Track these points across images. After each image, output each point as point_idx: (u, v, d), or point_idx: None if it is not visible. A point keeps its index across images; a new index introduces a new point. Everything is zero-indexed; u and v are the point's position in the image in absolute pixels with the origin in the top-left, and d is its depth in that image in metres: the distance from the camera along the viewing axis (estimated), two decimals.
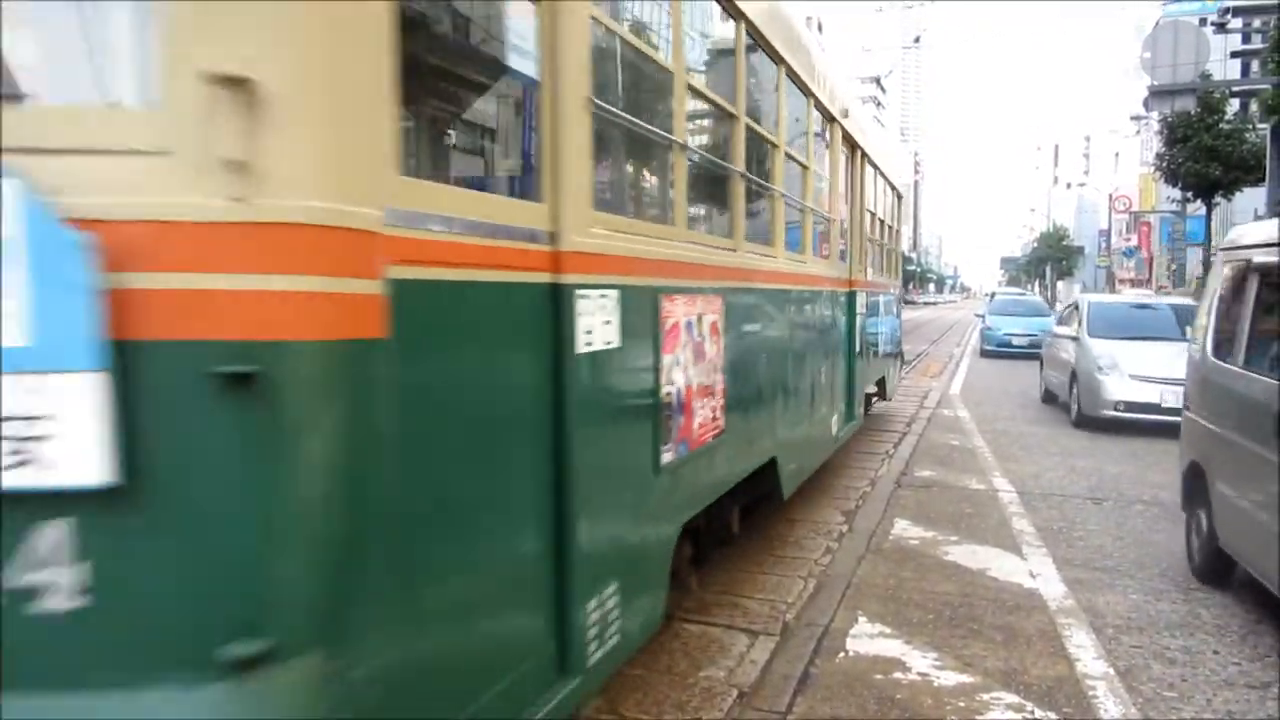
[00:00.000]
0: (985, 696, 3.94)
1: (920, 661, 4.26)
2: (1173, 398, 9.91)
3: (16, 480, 1.67)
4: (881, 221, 10.15)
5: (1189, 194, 39.81)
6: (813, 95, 6.26)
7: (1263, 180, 32.58)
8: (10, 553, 1.72)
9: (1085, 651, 4.39)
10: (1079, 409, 11.56)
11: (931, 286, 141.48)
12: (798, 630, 4.61)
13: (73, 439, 1.68)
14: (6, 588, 1.73)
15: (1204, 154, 35.60)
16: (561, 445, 2.70)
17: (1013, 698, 3.93)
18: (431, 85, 2.22)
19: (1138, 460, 9.40)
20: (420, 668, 2.11)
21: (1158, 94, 19.89)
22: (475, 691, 2.36)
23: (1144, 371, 10.90)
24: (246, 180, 1.71)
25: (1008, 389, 15.92)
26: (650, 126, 3.63)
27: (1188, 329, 11.89)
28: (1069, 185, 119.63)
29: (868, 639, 4.52)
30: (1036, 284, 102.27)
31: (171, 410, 1.73)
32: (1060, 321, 13.94)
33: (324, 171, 1.80)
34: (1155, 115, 39.07)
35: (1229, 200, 41.08)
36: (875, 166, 9.27)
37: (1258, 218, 38.35)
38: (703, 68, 4.31)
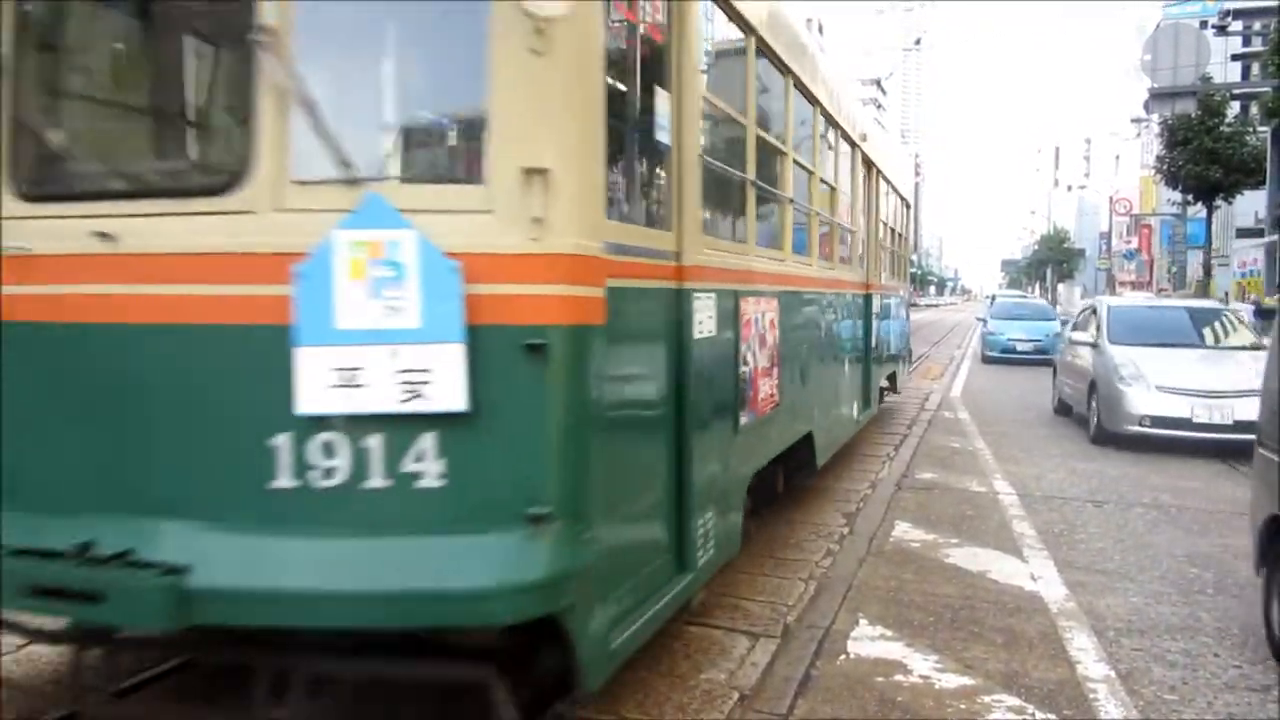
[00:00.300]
0: (986, 699, 3.94)
1: (921, 664, 4.26)
2: (1205, 412, 9.56)
3: (411, 407, 2.76)
4: (893, 230, 11.25)
5: (1189, 197, 39.80)
6: (841, 128, 7.55)
7: (1263, 183, 32.68)
8: (403, 450, 2.80)
9: (1086, 654, 4.39)
10: (1098, 423, 10.55)
11: (932, 289, 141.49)
12: (799, 632, 4.61)
13: (443, 382, 2.75)
14: (401, 471, 2.81)
15: (1204, 157, 35.58)
16: (682, 403, 3.79)
17: (1014, 700, 3.93)
18: (613, 156, 3.35)
19: (1139, 463, 9.41)
20: (611, 546, 3.16)
21: (1158, 96, 19.89)
22: (635, 568, 3.48)
23: (1172, 383, 9.89)
24: (537, 229, 2.82)
25: (1013, 396, 15.89)
26: (734, 169, 4.73)
27: (1208, 331, 11.29)
28: (1069, 188, 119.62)
29: (869, 641, 4.52)
30: (1037, 286, 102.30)
31: (497, 366, 2.79)
32: (1076, 326, 12.82)
33: (577, 223, 2.92)
34: (1156, 118, 39.10)
35: (1229, 203, 41.08)
36: (888, 181, 10.52)
37: (1258, 221, 38.46)
38: (764, 117, 5.34)
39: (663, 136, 3.70)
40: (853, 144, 8.18)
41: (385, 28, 3.25)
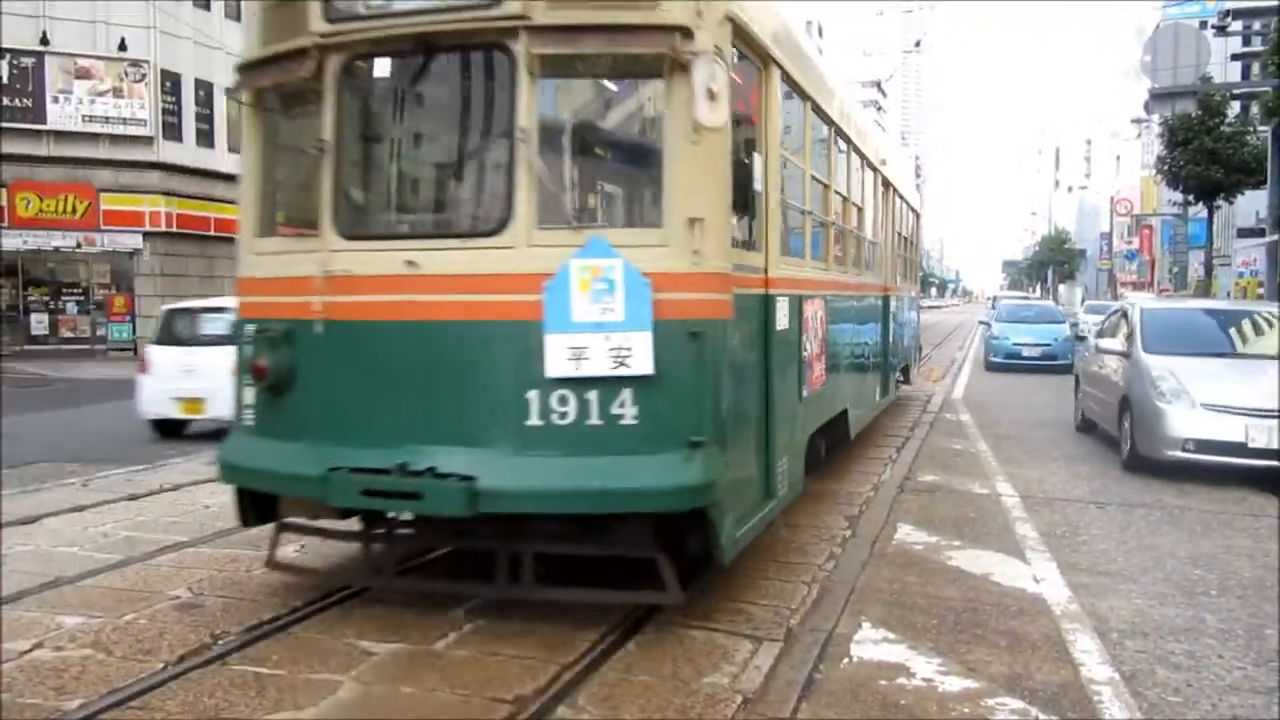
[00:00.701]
0: (990, 702, 3.93)
1: (925, 667, 4.25)
2: (1263, 435, 8.00)
3: (617, 372, 4.17)
4: (906, 240, 12.62)
5: (1190, 197, 39.76)
6: (867, 158, 9.00)
7: (1264, 183, 32.59)
8: (611, 399, 4.22)
9: (1090, 656, 4.38)
10: (1132, 447, 8.94)
11: (933, 290, 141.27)
12: (802, 636, 4.60)
13: (638, 356, 4.17)
14: (609, 413, 4.22)
15: (1205, 157, 35.53)
16: (768, 376, 5.26)
17: (1018, 703, 3.92)
18: (732, 204, 4.69)
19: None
20: (733, 471, 4.58)
21: (1158, 97, 19.90)
22: (745, 489, 4.94)
23: (1222, 399, 8.33)
24: (696, 257, 4.26)
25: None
26: (797, 204, 6.26)
27: (1259, 337, 9.34)
28: (1070, 188, 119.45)
29: (872, 644, 4.52)
30: (1038, 287, 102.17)
31: (672, 345, 4.19)
32: (1103, 332, 11.34)
33: (718, 253, 4.37)
34: (1156, 118, 39.09)
35: (1231, 203, 41.02)
36: (902, 198, 12.01)
37: (1259, 221, 38.36)
38: (815, 161, 6.82)
39: (757, 186, 5.07)
40: (874, 169, 9.59)
41: (600, 128, 5.43)
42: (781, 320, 5.49)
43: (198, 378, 10.60)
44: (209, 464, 9.31)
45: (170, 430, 11.52)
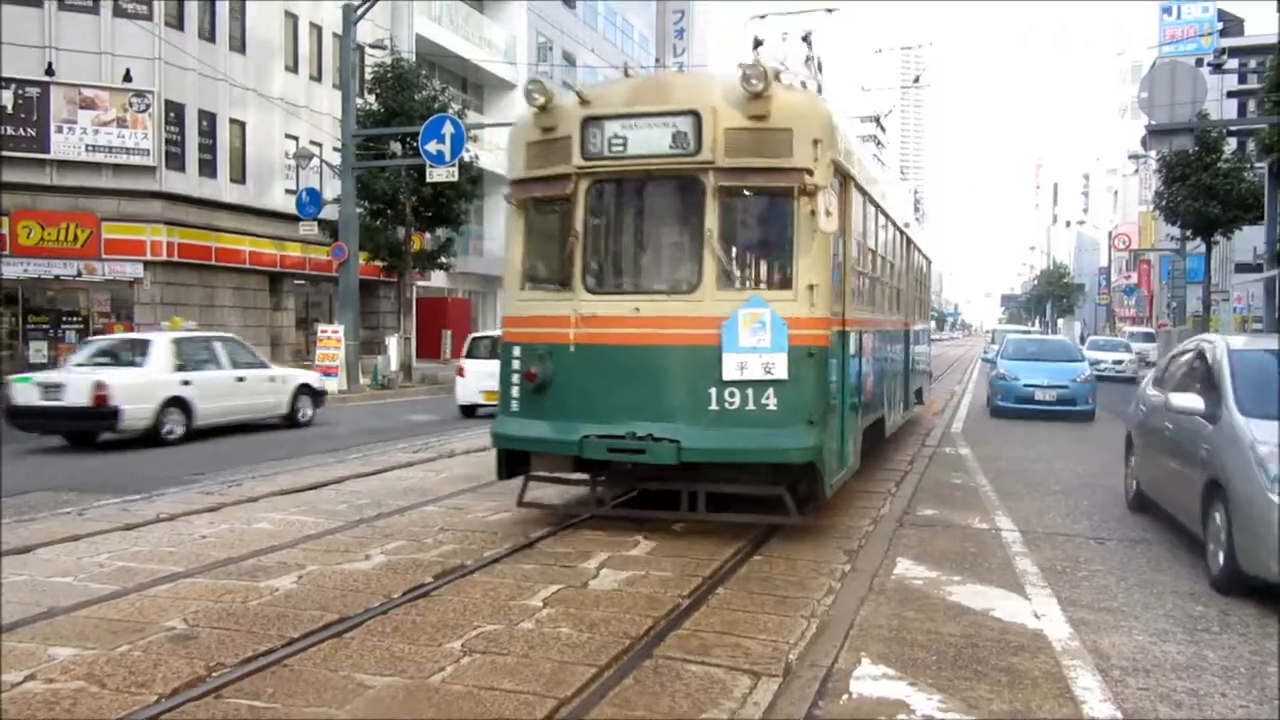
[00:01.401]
0: None
1: (925, 704, 4.22)
2: None
3: (765, 377, 6.81)
4: (920, 283, 15.21)
5: (1188, 232, 39.93)
6: (896, 224, 11.52)
7: (1261, 219, 32.78)
8: (761, 393, 6.88)
9: (1091, 694, 4.34)
10: (1229, 559, 5.96)
11: (932, 324, 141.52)
12: (801, 671, 4.56)
13: (779, 367, 6.79)
14: (761, 402, 6.86)
15: (1202, 192, 35.71)
16: (844, 385, 7.67)
17: None
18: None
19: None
20: (829, 442, 7.24)
21: (1156, 133, 20.04)
22: (833, 455, 7.43)
23: None
24: (812, 308, 6.98)
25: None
26: (860, 268, 8.77)
27: None
28: (1068, 223, 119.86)
29: (871, 680, 4.48)
30: (1037, 321, 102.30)
31: (797, 361, 6.81)
32: (1164, 381, 8.45)
33: (825, 305, 7.08)
34: (1154, 154, 39.33)
35: (1228, 239, 41.16)
36: (919, 249, 14.57)
37: (1257, 256, 38.47)
38: (867, 234, 9.38)
39: (840, 258, 7.70)
40: (900, 230, 12.02)
41: (756, 228, 7.92)
42: (851, 348, 8.14)
43: (494, 379, 15.94)
44: (207, 493, 9.32)
45: (469, 412, 17.66)
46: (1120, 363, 31.51)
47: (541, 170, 7.60)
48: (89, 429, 13.55)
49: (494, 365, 14.25)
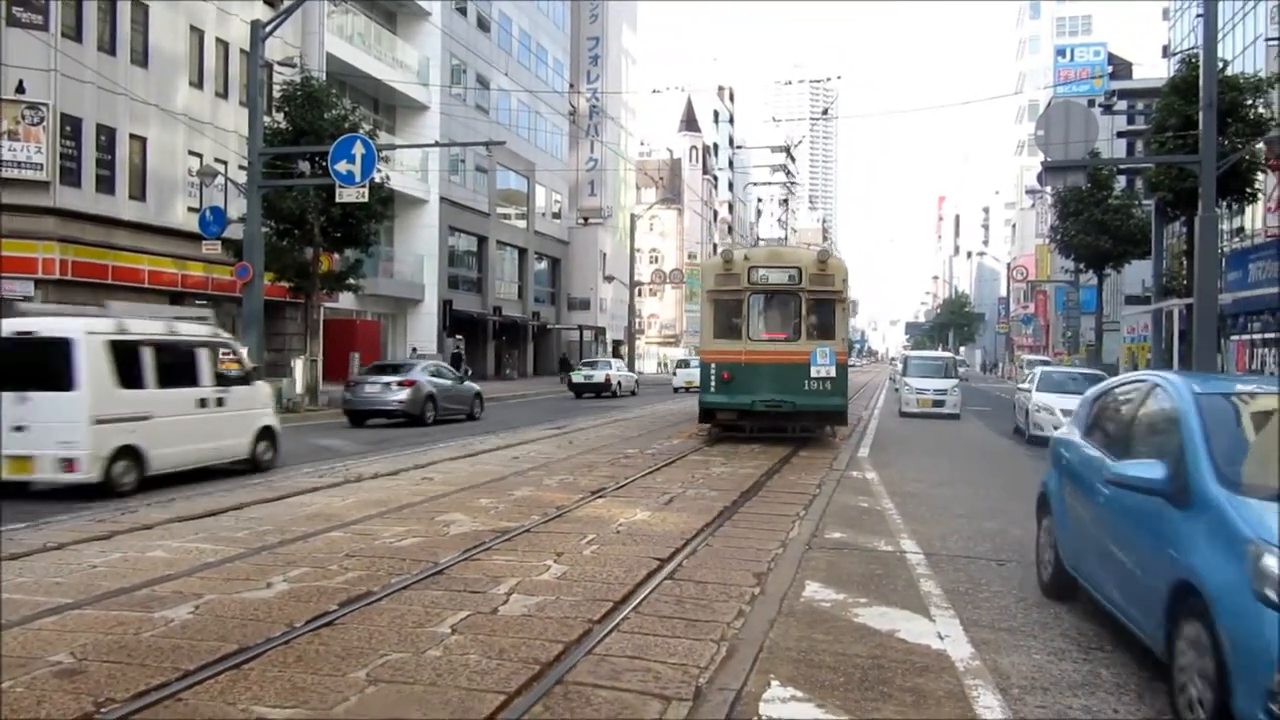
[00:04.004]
0: None
1: None
2: None
3: (826, 375, 16.85)
4: (849, 322, 20.34)
5: (1081, 265, 41.56)
6: (845, 295, 17.71)
7: (1149, 253, 34.31)
8: (823, 382, 16.89)
9: (992, 712, 4.44)
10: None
11: None
12: (710, 695, 4.57)
13: (832, 372, 16.79)
14: (825, 385, 16.94)
15: (1094, 227, 37.28)
16: (845, 377, 17.37)
17: None
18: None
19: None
20: (847, 404, 18.26)
21: (1051, 169, 20.81)
22: (847, 409, 18.48)
23: None
24: (843, 344, 17.46)
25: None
26: (844, 323, 17.82)
27: None
28: (969, 254, 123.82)
29: (780, 703, 4.51)
30: (940, 348, 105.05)
31: (838, 369, 16.85)
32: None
33: (844, 346, 17.43)
34: (1049, 189, 40.83)
35: (1118, 271, 42.96)
36: (849, 299, 18.71)
37: (1145, 289, 40.15)
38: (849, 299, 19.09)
39: (843, 317, 17.46)
40: (846, 296, 17.83)
41: (820, 313, 17.14)
42: (847, 365, 17.39)
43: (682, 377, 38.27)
44: (99, 520, 8.94)
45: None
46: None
47: (726, 286, 17.22)
48: None
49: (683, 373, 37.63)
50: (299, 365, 25.95)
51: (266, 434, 13.45)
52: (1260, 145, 22.49)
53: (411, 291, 41.08)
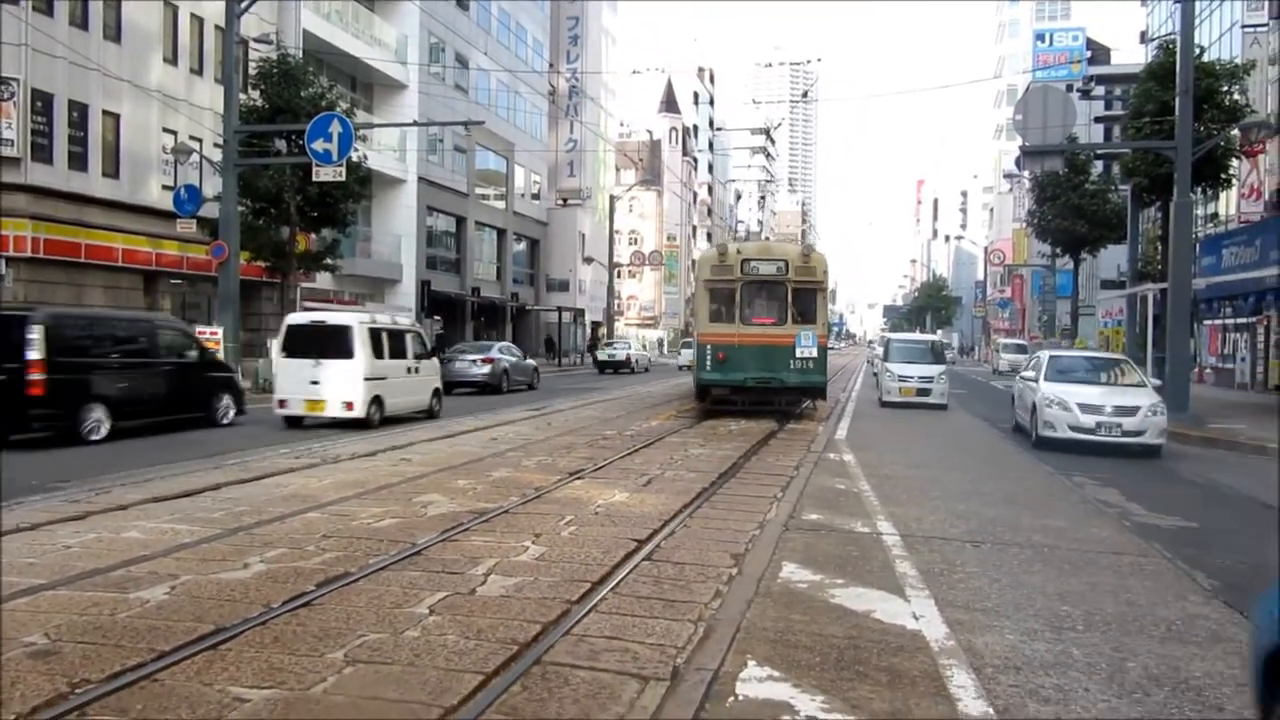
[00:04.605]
0: None
1: (809, 705, 4.30)
2: None
3: (811, 355, 18.72)
4: (830, 308, 22.87)
5: (1058, 249, 41.84)
6: (826, 286, 19.73)
7: (1125, 238, 34.56)
8: (805, 361, 18.63)
9: (966, 692, 4.49)
10: None
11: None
12: (688, 675, 4.60)
13: (814, 354, 18.65)
14: (808, 365, 18.70)
15: (1071, 212, 37.52)
16: (825, 359, 18.95)
17: None
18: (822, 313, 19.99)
19: (1013, 504, 9.75)
20: (826, 381, 20.01)
21: (1029, 154, 20.94)
22: (827, 386, 20.74)
23: None
24: (825, 329, 19.96)
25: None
26: (826, 308, 19.89)
27: None
28: (947, 238, 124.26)
29: (757, 683, 4.54)
30: (917, 331, 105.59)
31: (818, 351, 18.67)
32: None
33: (824, 330, 19.36)
34: (1027, 174, 41.03)
35: (1094, 256, 43.23)
36: (829, 289, 20.71)
37: (1120, 273, 40.46)
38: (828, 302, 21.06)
39: (823, 305, 19.17)
40: (828, 287, 19.55)
41: (804, 300, 18.77)
42: (830, 345, 22.71)
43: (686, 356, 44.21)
44: (73, 501, 8.88)
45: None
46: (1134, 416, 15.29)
47: (720, 276, 18.80)
48: None
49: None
50: (275, 345, 25.75)
51: (437, 394, 19.46)
52: (1235, 132, 22.69)
53: (389, 271, 40.84)
